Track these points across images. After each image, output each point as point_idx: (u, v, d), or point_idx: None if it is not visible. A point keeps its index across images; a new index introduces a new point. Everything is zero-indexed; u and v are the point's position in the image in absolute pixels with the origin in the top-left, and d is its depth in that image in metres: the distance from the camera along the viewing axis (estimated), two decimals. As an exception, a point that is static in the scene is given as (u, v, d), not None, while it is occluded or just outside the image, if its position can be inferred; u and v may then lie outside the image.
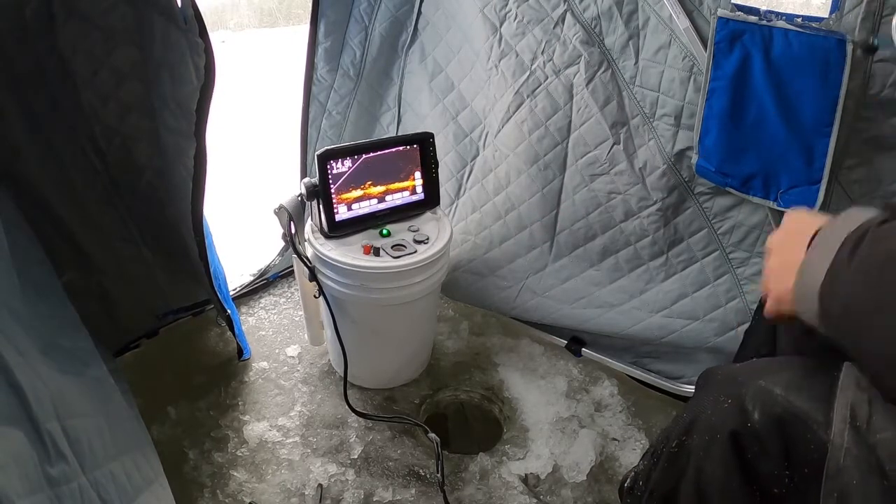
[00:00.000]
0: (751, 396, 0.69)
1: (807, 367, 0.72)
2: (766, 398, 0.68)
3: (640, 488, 0.85)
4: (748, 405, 0.69)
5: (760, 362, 0.78)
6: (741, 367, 0.78)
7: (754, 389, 0.69)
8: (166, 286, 1.57)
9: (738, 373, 0.75)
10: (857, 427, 0.61)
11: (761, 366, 0.76)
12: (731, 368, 0.80)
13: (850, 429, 0.61)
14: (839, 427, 0.62)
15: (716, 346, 1.42)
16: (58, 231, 1.30)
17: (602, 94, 1.34)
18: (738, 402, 0.70)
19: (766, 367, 0.74)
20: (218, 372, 1.62)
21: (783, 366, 0.74)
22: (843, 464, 0.61)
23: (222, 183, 1.82)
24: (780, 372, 0.71)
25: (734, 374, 0.75)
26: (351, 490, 1.33)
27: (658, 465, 0.81)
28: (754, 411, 0.68)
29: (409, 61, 1.68)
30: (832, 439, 0.62)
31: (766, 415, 0.67)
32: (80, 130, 1.24)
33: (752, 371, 0.73)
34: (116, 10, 1.12)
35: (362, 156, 1.40)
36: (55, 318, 1.01)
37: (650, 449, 0.88)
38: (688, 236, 1.37)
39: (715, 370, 0.82)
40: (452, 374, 1.65)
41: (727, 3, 1.11)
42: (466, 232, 1.70)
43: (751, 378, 0.71)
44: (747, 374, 0.73)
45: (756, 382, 0.70)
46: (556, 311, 1.62)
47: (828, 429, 0.63)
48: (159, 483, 1.06)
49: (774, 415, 0.67)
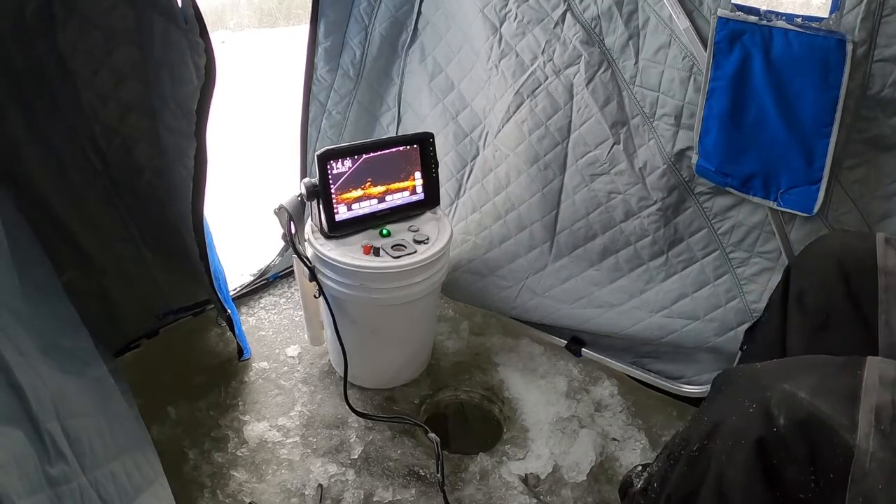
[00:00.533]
0: (776, 401, 0.69)
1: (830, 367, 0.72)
2: (791, 403, 0.68)
3: (655, 490, 0.85)
4: (773, 410, 0.69)
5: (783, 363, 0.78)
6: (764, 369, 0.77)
7: (779, 394, 0.69)
8: (166, 286, 1.57)
9: (762, 375, 0.75)
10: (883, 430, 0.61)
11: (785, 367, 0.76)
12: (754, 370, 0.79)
13: (876, 432, 0.61)
14: (865, 431, 0.62)
15: (716, 346, 1.42)
16: (58, 231, 1.30)
17: (602, 94, 1.34)
18: (763, 406, 0.70)
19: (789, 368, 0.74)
20: (218, 372, 1.62)
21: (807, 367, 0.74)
22: (868, 468, 0.61)
23: (222, 183, 1.81)
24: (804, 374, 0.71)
25: (758, 377, 0.75)
26: (351, 490, 1.33)
27: (676, 469, 0.81)
28: (780, 416, 0.68)
29: (409, 61, 1.68)
30: (858, 443, 0.62)
31: (791, 420, 0.67)
32: (80, 130, 1.24)
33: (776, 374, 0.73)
34: (116, 10, 1.11)
35: (362, 156, 1.40)
36: (55, 318, 1.01)
37: (665, 451, 0.87)
38: (688, 236, 1.37)
39: (735, 371, 0.81)
40: (452, 374, 1.65)
41: (727, 3, 1.11)
42: (466, 232, 1.70)
43: (775, 381, 0.71)
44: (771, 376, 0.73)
45: (781, 386, 0.70)
46: (556, 311, 1.62)
47: (853, 432, 0.63)
48: (159, 483, 1.06)
49: (800, 419, 0.67)
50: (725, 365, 1.40)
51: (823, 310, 0.92)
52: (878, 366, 0.67)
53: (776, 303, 1.03)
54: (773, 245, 1.27)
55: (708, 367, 1.50)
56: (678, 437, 0.85)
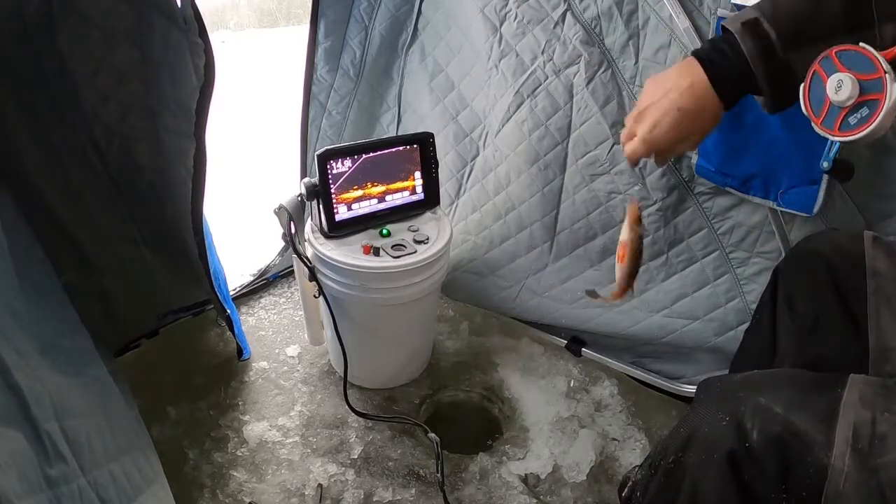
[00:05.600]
0: (750, 414, 0.67)
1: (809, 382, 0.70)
2: (765, 416, 0.66)
3: (638, 499, 0.83)
4: (747, 423, 0.66)
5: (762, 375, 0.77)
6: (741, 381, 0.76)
7: (753, 406, 0.67)
8: (166, 286, 1.57)
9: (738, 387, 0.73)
10: (860, 449, 0.59)
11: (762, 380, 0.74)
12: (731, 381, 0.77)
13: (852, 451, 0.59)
14: (840, 449, 0.60)
15: (716, 345, 1.42)
16: (58, 231, 1.30)
17: (602, 94, 1.34)
18: (736, 419, 0.68)
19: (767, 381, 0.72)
20: (218, 372, 1.62)
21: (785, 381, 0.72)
22: (842, 489, 0.59)
23: (222, 183, 1.81)
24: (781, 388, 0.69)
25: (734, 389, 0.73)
26: (351, 490, 1.33)
27: (655, 479, 0.79)
28: (753, 430, 0.66)
29: (409, 61, 1.68)
30: (833, 462, 0.60)
31: (764, 434, 0.65)
32: (80, 130, 1.24)
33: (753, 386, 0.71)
34: (116, 10, 1.11)
35: (362, 156, 1.40)
36: (55, 318, 1.01)
37: (648, 459, 0.86)
38: (688, 236, 1.37)
39: (714, 381, 0.80)
40: (452, 374, 1.65)
41: (727, 3, 1.11)
42: (466, 232, 1.70)
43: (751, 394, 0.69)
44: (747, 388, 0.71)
45: (756, 399, 0.68)
46: (556, 311, 1.62)
47: (829, 450, 0.61)
48: (159, 483, 1.06)
49: (774, 434, 0.64)
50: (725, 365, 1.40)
51: (813, 312, 0.91)
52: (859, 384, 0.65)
53: (766, 304, 1.02)
54: (773, 245, 1.27)
55: (708, 367, 1.50)
56: (659, 447, 0.84)
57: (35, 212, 1.17)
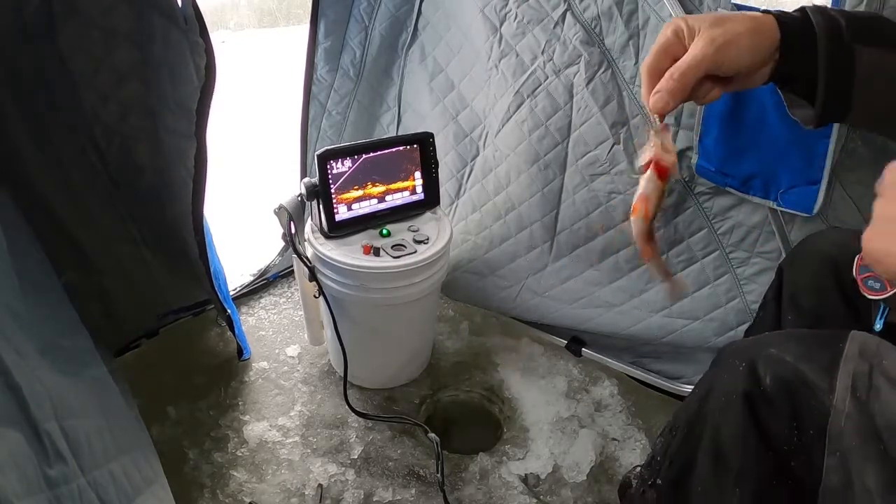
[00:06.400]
0: (762, 362, 0.74)
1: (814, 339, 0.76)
2: (777, 364, 0.73)
3: (658, 463, 0.88)
4: (760, 370, 0.73)
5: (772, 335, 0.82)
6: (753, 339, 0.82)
7: (766, 356, 0.74)
8: (166, 286, 1.57)
9: (751, 343, 0.80)
10: (858, 396, 0.65)
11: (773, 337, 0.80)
12: (744, 341, 0.84)
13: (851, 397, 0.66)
14: (841, 394, 0.66)
15: (716, 345, 1.42)
16: (58, 231, 1.30)
17: (602, 94, 1.34)
18: (750, 365, 0.75)
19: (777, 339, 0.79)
20: (218, 372, 1.62)
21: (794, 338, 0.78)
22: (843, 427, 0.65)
23: (222, 183, 1.81)
24: (790, 343, 0.75)
25: (747, 345, 0.80)
26: (351, 490, 1.33)
27: (676, 437, 0.85)
28: (766, 376, 0.73)
29: (409, 61, 1.68)
30: (835, 404, 0.66)
31: (776, 380, 0.72)
32: (80, 130, 1.24)
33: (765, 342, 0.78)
34: (116, 10, 1.11)
35: (362, 156, 1.40)
36: (55, 318, 1.01)
37: (666, 427, 0.91)
38: (688, 236, 1.37)
39: (726, 346, 0.86)
40: (452, 374, 1.65)
41: (727, 4, 1.11)
42: (466, 232, 1.70)
43: (763, 347, 0.76)
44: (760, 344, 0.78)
45: (768, 350, 0.75)
46: (556, 311, 1.62)
47: (831, 394, 0.67)
48: (159, 483, 1.06)
49: (785, 379, 0.71)
50: (725, 365, 1.41)
51: (817, 310, 0.94)
52: (860, 338, 0.70)
53: (770, 301, 1.05)
54: (773, 245, 1.27)
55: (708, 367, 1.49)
56: (677, 411, 0.90)
57: (35, 212, 1.17)
